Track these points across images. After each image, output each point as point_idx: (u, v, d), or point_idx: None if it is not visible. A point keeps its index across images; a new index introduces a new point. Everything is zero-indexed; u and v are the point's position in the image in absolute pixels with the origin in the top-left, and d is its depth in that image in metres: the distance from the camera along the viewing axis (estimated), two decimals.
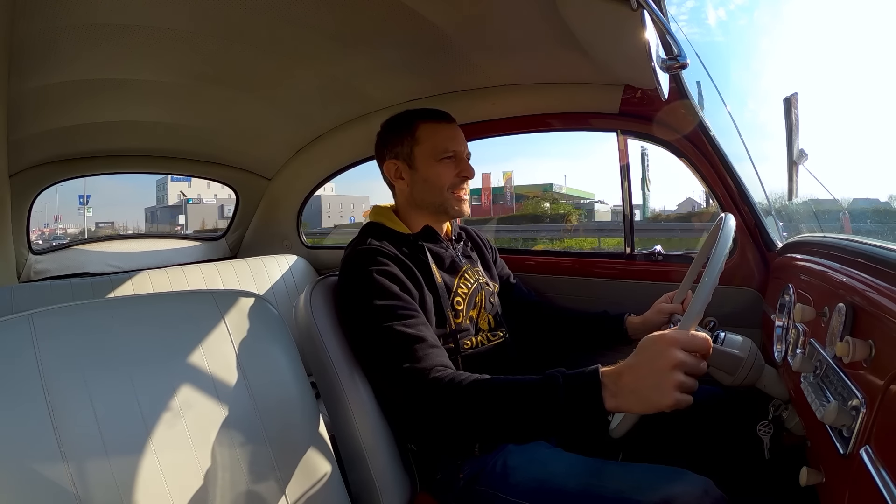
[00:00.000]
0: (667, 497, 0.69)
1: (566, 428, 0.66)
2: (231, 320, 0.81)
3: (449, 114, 1.06)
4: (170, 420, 0.69)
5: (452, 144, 1.02)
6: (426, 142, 1.01)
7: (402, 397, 0.80)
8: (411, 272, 0.91)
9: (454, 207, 1.02)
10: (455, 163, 1.02)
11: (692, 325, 0.62)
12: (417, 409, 0.77)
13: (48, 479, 0.59)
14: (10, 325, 0.65)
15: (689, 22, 2.48)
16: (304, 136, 1.83)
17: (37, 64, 1.12)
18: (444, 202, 1.01)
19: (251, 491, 0.73)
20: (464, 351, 0.94)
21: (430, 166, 1.00)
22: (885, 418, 0.44)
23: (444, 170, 1.01)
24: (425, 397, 0.75)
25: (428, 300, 0.91)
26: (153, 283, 1.57)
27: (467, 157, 1.05)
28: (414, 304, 0.87)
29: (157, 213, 12.61)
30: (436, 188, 1.01)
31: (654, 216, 13.27)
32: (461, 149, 1.03)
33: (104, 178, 1.98)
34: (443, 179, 1.00)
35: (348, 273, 0.90)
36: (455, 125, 1.05)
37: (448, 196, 1.01)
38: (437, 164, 1.00)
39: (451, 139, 1.02)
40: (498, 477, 0.83)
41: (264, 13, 1.02)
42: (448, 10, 1.01)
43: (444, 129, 1.03)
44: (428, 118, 1.03)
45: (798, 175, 1.07)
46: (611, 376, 0.62)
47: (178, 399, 0.71)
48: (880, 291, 0.53)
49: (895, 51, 2.89)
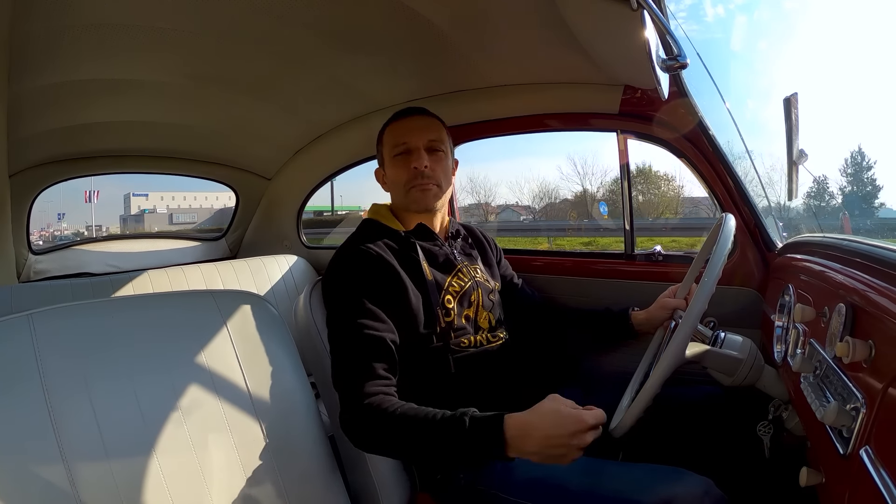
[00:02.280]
0: (667, 497, 0.69)
1: (468, 463, 0.75)
2: (231, 320, 0.81)
3: (419, 108, 1.03)
4: (169, 420, 0.69)
5: (403, 137, 0.99)
6: (386, 143, 1.02)
7: (340, 411, 0.82)
8: (393, 273, 0.90)
9: (416, 203, 0.99)
10: (406, 157, 0.98)
11: (691, 327, 0.63)
12: (346, 428, 0.80)
13: (47, 479, 0.59)
14: (10, 325, 0.65)
15: (687, 19, 2.48)
16: (304, 136, 1.83)
17: (37, 64, 1.12)
18: (407, 200, 1.00)
19: (251, 491, 0.73)
20: (458, 351, 0.93)
21: (391, 167, 1.00)
22: (885, 419, 0.44)
23: (399, 167, 0.99)
24: (353, 421, 0.79)
25: (414, 300, 0.90)
26: (153, 283, 1.57)
27: (428, 147, 0.99)
28: (379, 322, 0.85)
29: (126, 220, 15.64)
30: (398, 188, 1.00)
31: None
32: (413, 139, 0.98)
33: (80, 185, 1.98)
34: (399, 176, 0.99)
35: (327, 277, 0.92)
36: (418, 118, 1.01)
37: (407, 193, 0.98)
38: (393, 162, 1.00)
39: (404, 132, 0.99)
40: (498, 477, 0.83)
41: (264, 13, 1.02)
42: (448, 10, 1.01)
43: (401, 124, 1.00)
44: (393, 119, 1.02)
45: (798, 175, 1.07)
46: (515, 429, 0.68)
47: (178, 399, 0.71)
48: (880, 291, 0.53)
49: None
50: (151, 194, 15.80)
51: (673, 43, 0.72)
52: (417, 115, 1.02)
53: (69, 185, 1.92)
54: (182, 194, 16.95)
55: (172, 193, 16.52)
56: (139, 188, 15.79)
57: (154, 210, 16.48)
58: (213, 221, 14.80)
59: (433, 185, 0.99)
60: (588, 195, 9.88)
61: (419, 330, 0.90)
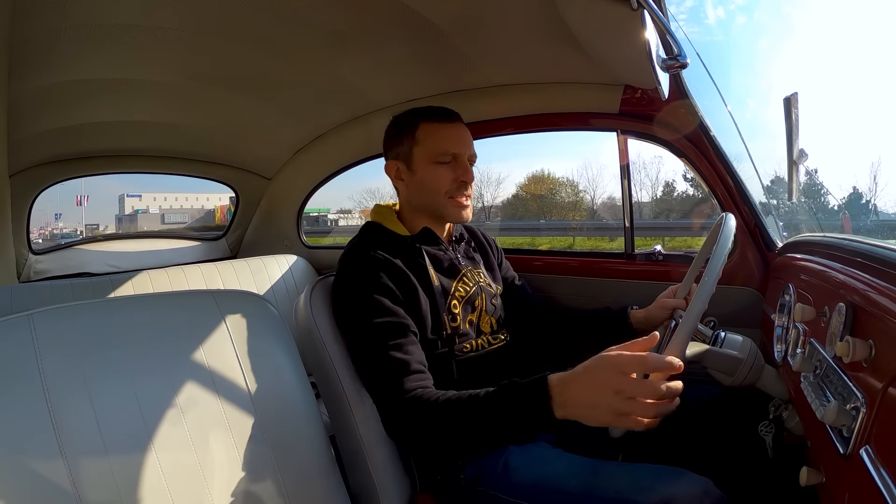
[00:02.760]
0: (667, 497, 0.69)
1: (522, 434, 0.69)
2: (231, 320, 0.81)
3: (456, 113, 1.00)
4: (170, 420, 0.69)
5: (452, 146, 0.96)
6: (425, 143, 0.97)
7: (381, 414, 0.84)
8: (405, 278, 0.90)
9: (452, 214, 0.98)
10: (453, 167, 0.96)
11: (689, 330, 0.63)
12: (392, 429, 0.82)
13: (48, 479, 0.59)
14: (10, 325, 0.65)
15: (688, 21, 2.47)
16: (304, 136, 1.83)
17: (37, 64, 1.12)
18: (441, 208, 0.98)
19: (251, 491, 0.73)
20: (461, 355, 0.93)
21: (427, 169, 0.96)
22: (885, 418, 0.44)
23: (442, 173, 0.96)
24: (397, 422, 0.80)
25: (423, 304, 0.90)
26: (153, 283, 1.57)
27: (471, 160, 0.99)
28: (404, 318, 0.86)
29: (122, 220, 16.22)
30: (432, 193, 0.97)
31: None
32: (462, 151, 0.97)
33: (99, 184, 1.99)
34: (439, 184, 0.96)
35: (341, 278, 0.91)
36: (460, 125, 0.99)
37: (445, 202, 0.97)
38: (434, 166, 0.96)
39: (452, 140, 0.97)
40: (499, 477, 0.83)
41: (264, 13, 1.02)
42: (448, 9, 1.01)
43: (446, 128, 0.97)
44: (431, 117, 0.98)
45: (798, 175, 1.07)
46: (558, 385, 0.64)
47: (178, 399, 0.71)
48: (880, 291, 0.53)
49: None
50: (144, 195, 16.48)
51: (673, 43, 0.72)
52: (458, 121, 1.00)
53: (63, 188, 1.93)
54: (174, 195, 17.54)
55: (164, 194, 17.18)
56: (133, 189, 16.42)
57: (147, 210, 16.94)
58: (201, 221, 15.87)
59: (470, 200, 1.00)
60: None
61: (427, 335, 0.90)
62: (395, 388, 0.79)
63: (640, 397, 0.58)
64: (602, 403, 0.59)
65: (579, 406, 0.62)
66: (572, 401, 0.62)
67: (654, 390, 0.58)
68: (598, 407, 0.60)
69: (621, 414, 0.59)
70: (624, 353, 0.60)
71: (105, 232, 10.62)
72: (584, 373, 0.62)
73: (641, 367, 0.58)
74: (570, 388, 0.63)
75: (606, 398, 0.59)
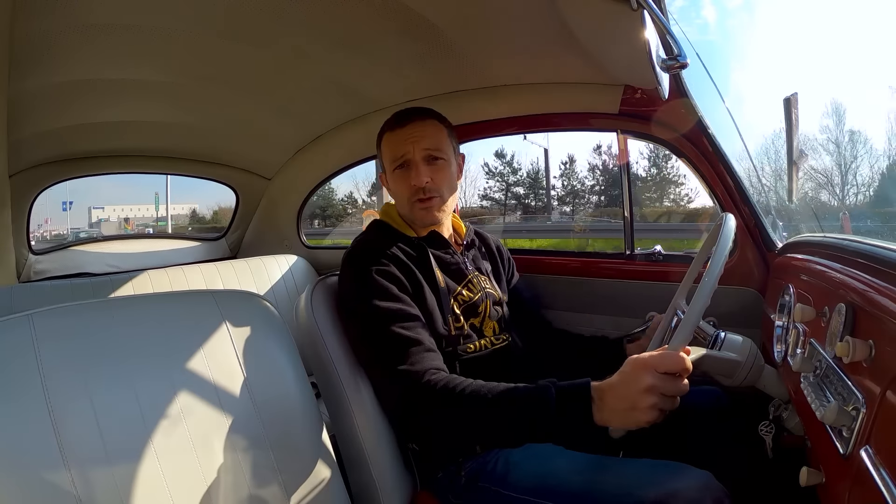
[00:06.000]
0: (668, 491, 0.69)
1: (556, 437, 0.71)
2: (231, 320, 0.81)
3: (415, 110, 0.97)
4: (170, 421, 0.69)
5: (400, 149, 0.94)
6: (384, 153, 0.99)
7: (396, 398, 0.83)
8: (411, 272, 0.91)
9: (420, 217, 0.97)
10: (406, 171, 0.95)
11: (685, 339, 0.65)
12: (412, 411, 0.80)
13: (48, 480, 0.59)
14: (10, 325, 0.65)
15: (688, 20, 2.48)
16: (303, 136, 1.83)
17: (37, 64, 1.12)
18: (410, 213, 0.97)
19: (251, 491, 0.73)
20: (464, 355, 0.93)
21: (392, 178, 0.98)
22: (885, 418, 0.44)
23: (400, 181, 0.96)
24: (419, 400, 0.78)
25: (429, 300, 0.91)
26: (153, 283, 1.57)
27: (427, 157, 0.95)
28: (412, 305, 0.87)
29: (92, 226, 20.19)
30: (400, 201, 0.98)
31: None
32: (408, 150, 0.94)
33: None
34: (402, 191, 0.96)
35: (348, 270, 0.91)
36: (414, 124, 0.95)
37: (412, 207, 0.96)
38: (394, 175, 0.97)
39: (400, 143, 0.95)
40: (499, 474, 0.83)
41: (264, 13, 1.02)
42: (448, 9, 1.01)
43: (397, 134, 0.96)
44: (388, 126, 0.98)
45: (798, 175, 1.07)
46: (598, 392, 0.67)
47: (179, 400, 0.71)
48: (880, 291, 0.53)
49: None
50: (107, 207, 20.07)
51: (673, 43, 0.72)
52: (415, 119, 0.97)
53: (54, 193, 1.95)
54: (129, 207, 20.75)
55: (122, 206, 20.56)
56: (97, 203, 19.75)
57: (108, 219, 20.14)
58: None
59: (436, 199, 0.96)
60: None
61: (432, 332, 0.90)
62: (412, 365, 0.79)
63: (673, 393, 0.63)
64: (640, 404, 0.63)
65: (617, 411, 0.65)
66: (610, 407, 0.66)
67: (685, 385, 0.64)
68: (637, 408, 0.63)
69: (660, 406, 0.63)
70: (654, 354, 0.65)
71: (80, 236, 11.76)
72: (620, 380, 0.66)
73: (673, 365, 0.63)
74: (609, 395, 0.66)
75: (643, 399, 0.63)
